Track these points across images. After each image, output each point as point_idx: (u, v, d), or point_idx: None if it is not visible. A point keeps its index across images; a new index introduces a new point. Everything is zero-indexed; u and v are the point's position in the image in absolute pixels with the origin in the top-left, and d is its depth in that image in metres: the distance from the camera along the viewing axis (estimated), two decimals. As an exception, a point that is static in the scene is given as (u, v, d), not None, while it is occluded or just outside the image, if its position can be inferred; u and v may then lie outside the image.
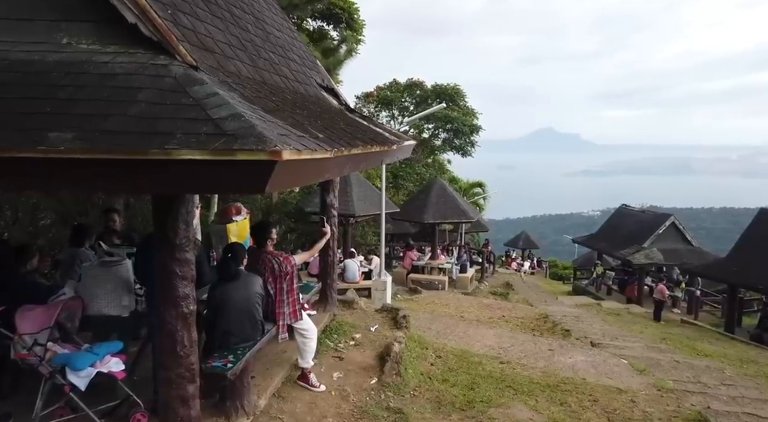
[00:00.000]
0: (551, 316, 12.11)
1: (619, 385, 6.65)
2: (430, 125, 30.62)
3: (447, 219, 18.47)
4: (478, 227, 29.77)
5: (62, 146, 2.32)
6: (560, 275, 32.81)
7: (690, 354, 10.04)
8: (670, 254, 21.14)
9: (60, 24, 3.12)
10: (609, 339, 10.26)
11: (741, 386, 7.36)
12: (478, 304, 13.29)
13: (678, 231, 22.27)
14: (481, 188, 33.56)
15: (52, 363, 3.68)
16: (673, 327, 14.81)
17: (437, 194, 18.34)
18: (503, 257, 34.69)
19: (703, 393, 6.67)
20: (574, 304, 17.77)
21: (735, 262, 16.85)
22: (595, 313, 15.34)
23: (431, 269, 17.59)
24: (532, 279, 27.37)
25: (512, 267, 30.73)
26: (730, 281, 16.59)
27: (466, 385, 5.94)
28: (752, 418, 5.77)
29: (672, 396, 6.35)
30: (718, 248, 29.34)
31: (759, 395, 6.96)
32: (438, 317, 10.36)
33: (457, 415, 5.11)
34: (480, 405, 5.35)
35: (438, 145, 31.36)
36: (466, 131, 29.64)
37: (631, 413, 5.68)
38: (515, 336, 9.15)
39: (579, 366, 7.46)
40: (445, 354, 7.06)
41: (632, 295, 20.47)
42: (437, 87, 30.75)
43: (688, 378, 7.45)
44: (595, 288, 23.41)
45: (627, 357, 8.32)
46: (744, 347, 12.89)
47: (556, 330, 10.56)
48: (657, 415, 5.66)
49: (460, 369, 6.52)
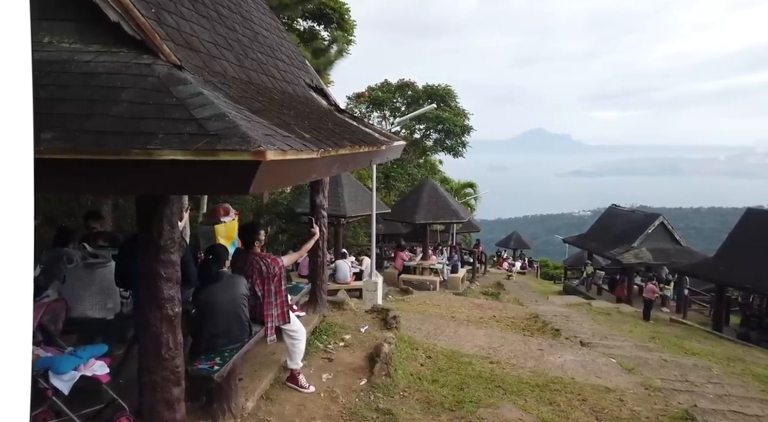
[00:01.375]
0: (541, 316, 12.15)
1: (607, 384, 6.68)
2: (421, 126, 30.66)
3: (438, 220, 18.49)
4: (470, 227, 29.86)
5: (42, 146, 2.28)
6: (551, 274, 32.98)
7: (678, 352, 10.12)
8: (659, 253, 21.34)
9: (41, 23, 3.07)
10: (598, 339, 10.32)
11: (727, 384, 7.43)
12: (469, 304, 13.30)
13: (667, 231, 22.48)
14: (472, 188, 33.67)
15: (35, 367, 3.63)
16: (662, 326, 14.94)
17: (429, 194, 18.35)
18: (494, 257, 34.83)
19: (690, 391, 6.73)
20: (564, 304, 17.85)
21: (722, 261, 17.06)
22: (585, 313, 15.42)
23: (422, 269, 17.62)
24: (523, 279, 27.49)
25: (503, 267, 30.84)
26: (717, 281, 16.79)
27: (456, 385, 5.94)
28: (738, 416, 5.82)
29: (660, 395, 6.40)
30: (706, 247, 29.66)
31: (745, 393, 7.03)
32: (429, 317, 10.35)
33: (446, 415, 5.10)
34: (469, 406, 5.35)
35: (429, 145, 31.40)
36: (457, 132, 29.71)
37: (619, 412, 5.72)
38: (505, 336, 9.17)
39: (568, 365, 7.49)
40: (435, 355, 7.05)
41: (622, 294, 20.62)
42: (428, 88, 30.79)
43: (675, 377, 7.50)
44: (585, 288, 23.54)
45: (616, 356, 8.37)
46: (731, 345, 13.03)
47: (546, 329, 10.60)
48: (645, 414, 5.69)
49: (450, 370, 6.52)
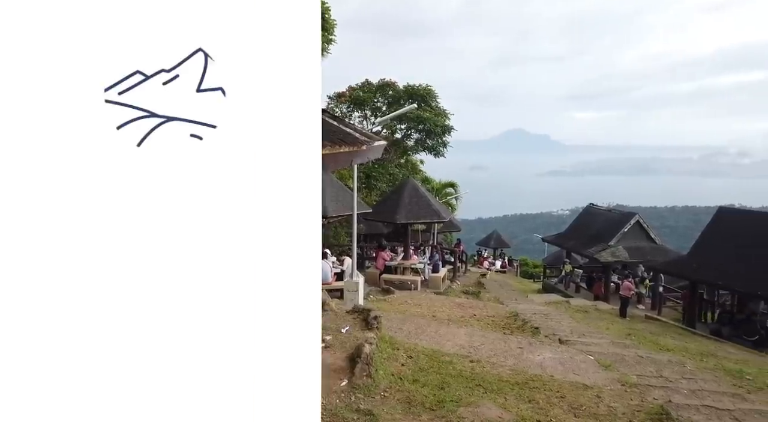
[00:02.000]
0: (521, 314, 12.30)
1: (585, 381, 6.80)
2: (402, 126, 30.71)
3: (419, 219, 18.56)
4: (451, 227, 30.06)
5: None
6: (531, 273, 33.43)
7: (653, 349, 10.35)
8: (635, 251, 21.79)
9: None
10: (576, 336, 10.49)
11: (701, 379, 7.62)
12: (450, 303, 13.39)
13: (642, 229, 22.96)
14: (453, 188, 33.89)
15: None
16: (638, 323, 15.27)
17: (410, 194, 18.41)
18: (475, 256, 35.14)
19: (664, 387, 6.88)
20: (543, 302, 18.10)
21: (695, 259, 17.51)
22: (564, 310, 15.66)
23: (404, 269, 17.67)
24: (503, 278, 27.79)
25: (483, 266, 31.14)
26: (690, 278, 17.22)
27: (437, 385, 5.98)
28: (711, 410, 5.98)
29: (635, 391, 6.53)
30: (680, 245, 30.36)
31: (717, 387, 7.23)
32: (410, 317, 10.40)
33: (427, 415, 5.13)
34: (450, 405, 5.39)
35: (410, 145, 31.47)
36: (438, 132, 29.84)
37: (596, 408, 5.82)
38: (486, 335, 9.26)
39: (547, 363, 7.60)
40: (416, 354, 7.09)
41: (599, 292, 21.01)
42: (409, 88, 30.85)
43: (651, 373, 7.67)
44: (564, 286, 23.91)
45: (593, 353, 8.52)
46: (704, 341, 13.40)
47: (526, 327, 10.74)
48: (621, 410, 5.81)
49: (431, 369, 6.56)
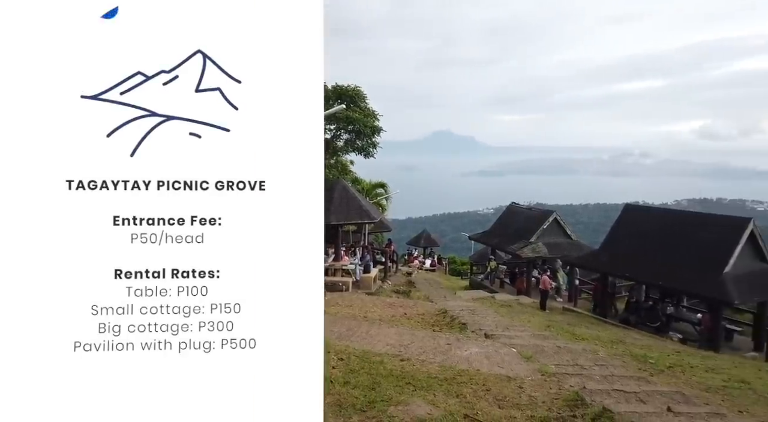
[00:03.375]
0: (449, 311, 12.67)
1: (509, 373, 7.12)
2: (332, 126, 30.56)
3: (350, 220, 18.58)
4: (382, 227, 30.28)
5: None
6: (459, 270, 34.45)
7: (570, 339, 11.05)
8: (554, 247, 23.12)
9: None
10: (501, 330, 10.97)
11: (611, 365, 8.24)
12: (381, 303, 13.53)
13: (560, 226, 24.39)
14: (383, 188, 34.18)
15: None
16: (557, 315, 16.23)
17: (340, 195, 18.37)
18: (406, 255, 35.69)
19: (579, 374, 7.37)
20: (470, 298, 18.76)
21: (605, 253, 18.91)
22: (489, 306, 16.33)
23: (335, 270, 17.61)
24: (433, 276, 28.46)
25: (414, 265, 31.71)
26: (601, 270, 18.57)
27: (368, 386, 6.00)
28: (620, 394, 6.47)
29: (554, 380, 6.94)
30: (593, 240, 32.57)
31: (625, 372, 7.85)
32: (341, 318, 10.38)
33: (357, 417, 5.14)
34: (380, 405, 5.43)
35: (340, 146, 31.41)
36: (367, 132, 29.98)
37: (519, 398, 6.12)
38: (415, 333, 9.44)
39: (474, 357, 7.88)
40: (347, 356, 7.09)
41: (521, 287, 22.09)
42: (338, 88, 30.75)
43: (567, 362, 8.18)
44: (489, 282, 24.86)
45: (516, 345, 8.95)
46: (615, 329, 14.50)
47: (454, 324, 11.07)
48: (541, 398, 6.14)
49: (362, 370, 6.58)
